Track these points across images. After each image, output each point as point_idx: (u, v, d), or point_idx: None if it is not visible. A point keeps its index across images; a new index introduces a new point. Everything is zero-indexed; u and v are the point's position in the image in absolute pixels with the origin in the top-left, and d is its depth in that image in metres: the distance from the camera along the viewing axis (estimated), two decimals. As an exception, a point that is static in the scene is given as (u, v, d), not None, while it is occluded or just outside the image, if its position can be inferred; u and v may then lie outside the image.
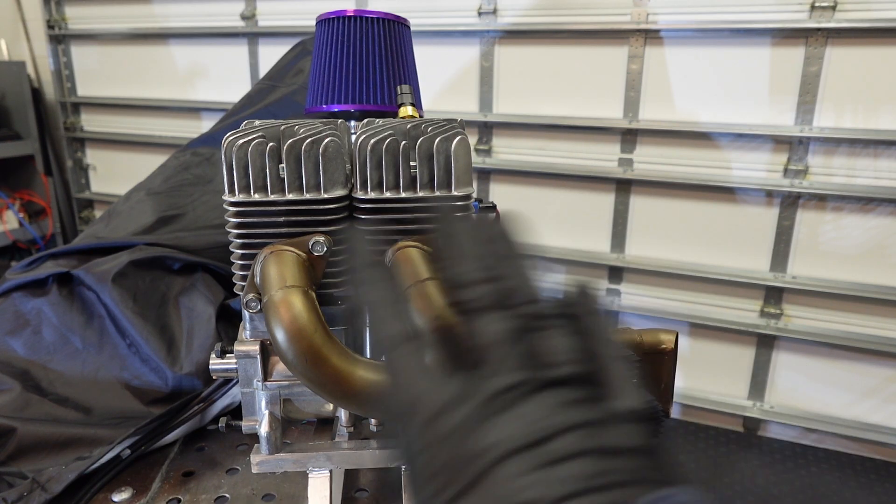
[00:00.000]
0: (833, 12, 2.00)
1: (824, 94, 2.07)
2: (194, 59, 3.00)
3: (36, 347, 0.89)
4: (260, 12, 2.80)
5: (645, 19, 2.20)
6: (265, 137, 0.55)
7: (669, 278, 2.40)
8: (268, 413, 0.58)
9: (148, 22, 3.01)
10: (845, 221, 2.15)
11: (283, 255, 0.53)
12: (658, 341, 0.64)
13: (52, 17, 3.17)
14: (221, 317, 0.95)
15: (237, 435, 0.74)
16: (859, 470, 2.19)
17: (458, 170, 0.55)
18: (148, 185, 1.34)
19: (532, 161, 2.48)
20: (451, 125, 0.58)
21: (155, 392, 0.87)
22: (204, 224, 1.17)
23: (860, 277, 2.16)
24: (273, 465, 0.58)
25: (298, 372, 0.49)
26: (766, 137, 2.17)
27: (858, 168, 2.09)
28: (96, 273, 0.94)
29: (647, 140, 2.33)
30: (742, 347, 2.36)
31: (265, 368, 0.57)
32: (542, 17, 2.35)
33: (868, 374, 2.21)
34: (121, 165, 3.33)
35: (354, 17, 0.75)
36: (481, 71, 2.48)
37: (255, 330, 0.58)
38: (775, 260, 2.24)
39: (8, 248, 3.19)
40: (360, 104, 0.75)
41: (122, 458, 0.76)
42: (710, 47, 2.17)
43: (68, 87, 3.29)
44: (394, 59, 0.76)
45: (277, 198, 0.55)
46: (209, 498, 0.72)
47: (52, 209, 3.34)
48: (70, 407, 0.83)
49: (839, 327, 2.21)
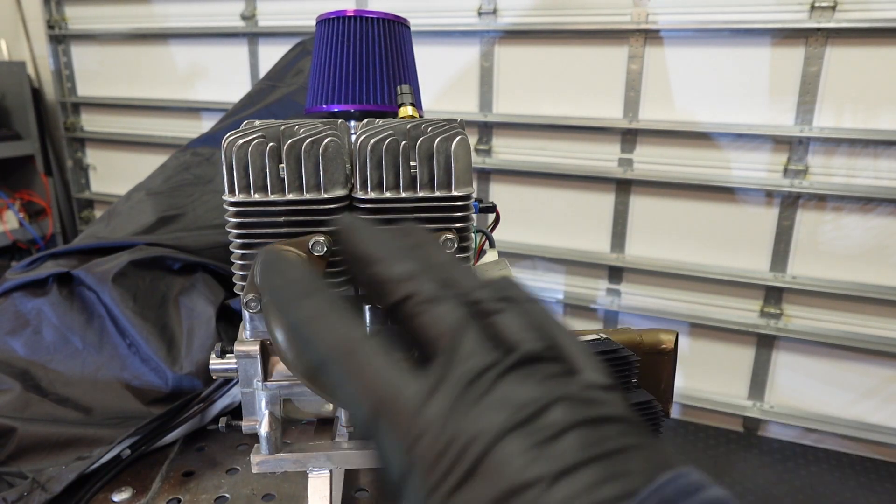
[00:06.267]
0: (833, 12, 2.00)
1: (824, 94, 2.07)
2: (194, 59, 3.00)
3: (36, 347, 0.89)
4: (260, 12, 2.80)
5: (645, 19, 2.20)
6: (265, 137, 0.55)
7: (669, 278, 2.40)
8: (268, 413, 0.58)
9: (148, 22, 3.01)
10: (845, 221, 2.15)
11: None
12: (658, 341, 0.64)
13: (52, 17, 3.17)
14: (221, 317, 0.95)
15: (237, 435, 0.74)
16: (859, 470, 2.19)
17: (458, 170, 0.55)
18: (148, 185, 1.34)
19: (532, 161, 2.49)
20: (451, 125, 0.58)
21: (155, 392, 0.87)
22: (204, 224, 1.17)
23: (860, 277, 2.16)
24: (273, 465, 0.58)
25: (298, 372, 0.49)
26: (766, 137, 2.17)
27: (858, 168, 2.10)
28: (96, 273, 0.94)
29: (647, 140, 2.33)
30: (742, 347, 2.36)
31: (265, 368, 0.57)
32: (542, 18, 2.35)
33: (868, 374, 2.21)
34: (121, 165, 3.33)
35: (354, 17, 0.75)
36: (481, 71, 2.48)
37: (255, 330, 0.58)
38: (775, 260, 2.24)
39: (8, 248, 3.19)
40: (360, 104, 0.75)
41: (122, 458, 0.76)
42: (710, 47, 2.18)
43: (68, 87, 3.29)
44: (394, 59, 0.76)
45: (277, 198, 0.55)
46: (209, 498, 0.72)
47: (52, 209, 3.34)
48: (70, 407, 0.83)
49: (839, 327, 2.21)
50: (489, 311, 0.24)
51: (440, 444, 0.22)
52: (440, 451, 0.22)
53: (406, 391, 0.23)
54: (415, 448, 0.22)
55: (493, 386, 0.22)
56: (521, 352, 0.23)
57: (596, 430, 0.21)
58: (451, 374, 0.23)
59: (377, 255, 0.27)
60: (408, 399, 0.23)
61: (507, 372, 0.22)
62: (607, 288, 2.51)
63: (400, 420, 0.23)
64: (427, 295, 0.25)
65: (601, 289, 2.53)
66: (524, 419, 0.21)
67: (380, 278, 0.26)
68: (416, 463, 0.22)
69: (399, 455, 0.23)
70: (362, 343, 0.24)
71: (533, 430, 0.21)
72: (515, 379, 0.22)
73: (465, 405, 0.22)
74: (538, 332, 0.24)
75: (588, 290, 2.55)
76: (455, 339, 0.23)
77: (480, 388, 0.22)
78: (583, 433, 0.21)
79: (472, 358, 0.23)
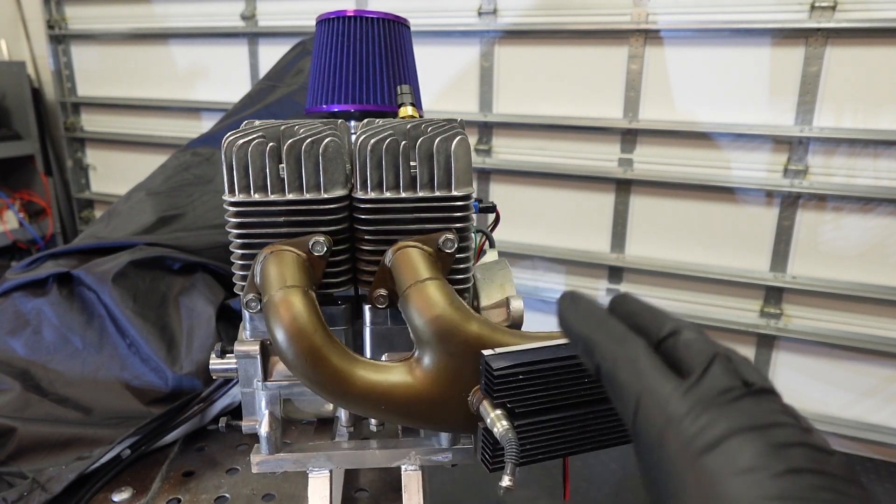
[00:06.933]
0: (833, 12, 2.00)
1: (824, 94, 2.07)
2: (194, 60, 3.00)
3: (36, 347, 0.89)
4: (260, 12, 2.80)
5: (645, 19, 2.20)
6: (265, 137, 0.55)
7: (669, 278, 2.40)
8: (268, 413, 0.58)
9: (148, 22, 3.01)
10: (845, 221, 2.15)
11: (283, 255, 0.53)
12: (658, 341, 0.63)
13: (52, 17, 3.17)
14: (221, 317, 0.95)
15: (237, 435, 0.74)
16: (859, 470, 2.19)
17: (458, 170, 0.55)
18: (148, 185, 1.34)
19: (532, 161, 2.49)
20: (451, 125, 0.58)
21: (155, 392, 0.87)
22: (204, 224, 1.17)
23: (860, 277, 2.16)
24: (273, 465, 0.58)
25: (298, 372, 0.49)
26: (766, 137, 2.17)
27: (858, 168, 2.09)
28: (96, 273, 0.94)
29: (647, 140, 2.33)
30: (742, 347, 2.36)
31: (265, 368, 0.57)
32: (542, 18, 2.35)
33: (868, 374, 2.21)
34: (121, 165, 3.33)
35: (354, 17, 0.75)
36: (481, 71, 2.48)
37: (255, 330, 0.58)
38: (775, 260, 2.24)
39: (8, 248, 3.19)
40: (360, 104, 0.75)
41: (122, 458, 0.76)
42: (710, 47, 2.17)
43: (68, 87, 3.29)
44: (394, 59, 0.76)
45: (277, 198, 0.55)
46: (209, 498, 0.72)
47: (52, 209, 3.34)
48: (70, 407, 0.83)
49: (839, 327, 2.21)
50: (733, 357, 0.32)
51: (682, 431, 0.28)
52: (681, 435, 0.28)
53: (664, 387, 0.30)
54: (662, 432, 0.29)
55: (734, 401, 0.28)
56: (758, 385, 0.29)
57: (820, 455, 0.26)
58: (702, 384, 0.30)
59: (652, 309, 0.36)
60: (664, 393, 0.30)
61: (746, 395, 0.29)
62: (607, 288, 2.51)
63: (655, 408, 0.30)
64: (690, 333, 0.33)
65: (601, 289, 2.53)
66: (759, 427, 0.27)
67: (655, 319, 0.35)
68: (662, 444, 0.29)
69: (652, 435, 0.29)
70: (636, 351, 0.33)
71: (766, 435, 0.26)
72: (752, 401, 0.29)
73: (709, 407, 0.28)
74: (768, 381, 0.30)
75: (588, 290, 2.55)
76: (708, 364, 0.30)
77: (724, 400, 0.29)
78: (809, 451, 0.26)
79: (720, 378, 0.30)
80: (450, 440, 0.59)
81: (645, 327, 0.35)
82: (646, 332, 0.35)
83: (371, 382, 0.49)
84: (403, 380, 0.50)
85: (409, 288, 0.51)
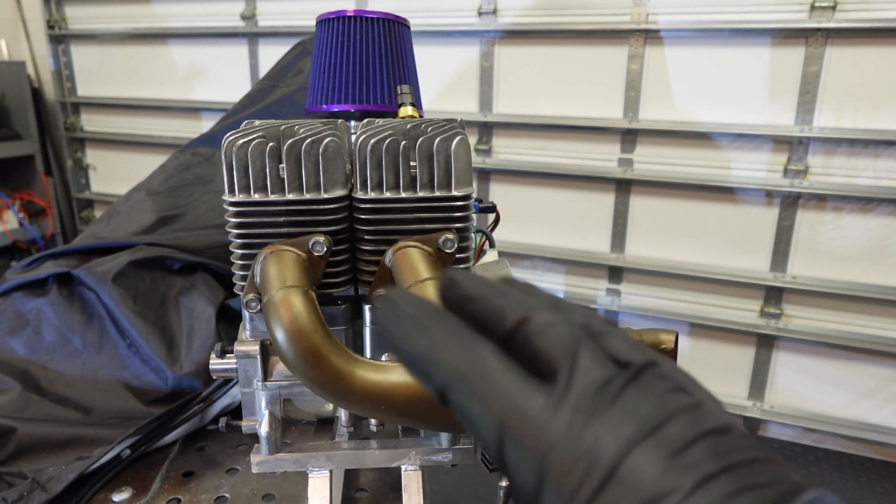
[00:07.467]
0: (833, 12, 2.00)
1: (824, 94, 2.07)
2: (194, 59, 3.00)
3: (36, 347, 0.89)
4: (260, 12, 2.80)
5: (645, 19, 2.20)
6: (265, 137, 0.55)
7: (669, 278, 2.40)
8: (268, 413, 0.58)
9: (148, 22, 3.01)
10: (845, 221, 2.15)
11: (283, 255, 0.53)
12: (658, 341, 0.63)
13: (52, 17, 3.17)
14: (221, 317, 0.95)
15: (237, 435, 0.74)
16: (859, 470, 2.19)
17: (458, 170, 0.55)
18: (148, 185, 1.34)
19: (532, 161, 2.49)
20: (451, 125, 0.58)
21: (155, 392, 0.87)
22: (204, 224, 1.17)
23: (860, 277, 2.16)
24: (273, 465, 0.58)
25: (298, 372, 0.49)
26: (766, 137, 2.17)
27: (858, 168, 2.09)
28: (96, 273, 0.94)
29: (647, 140, 2.33)
30: (742, 347, 2.36)
31: (265, 368, 0.57)
32: (542, 17, 2.35)
33: (868, 374, 2.21)
34: (121, 165, 3.33)
35: (354, 17, 0.75)
36: (481, 71, 2.48)
37: (255, 330, 0.58)
38: (775, 260, 2.24)
39: (8, 248, 3.19)
40: (360, 104, 0.75)
41: (122, 458, 0.76)
42: (710, 47, 2.17)
43: (68, 87, 3.29)
44: (394, 59, 0.76)
45: (277, 198, 0.55)
46: (209, 498, 0.72)
47: (52, 209, 3.34)
48: (70, 407, 0.83)
49: (839, 327, 2.21)
50: (598, 331, 0.26)
51: (569, 457, 0.22)
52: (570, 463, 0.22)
53: (532, 405, 0.24)
54: (545, 462, 0.23)
55: (615, 398, 0.23)
56: (636, 363, 0.24)
57: (720, 441, 0.22)
58: (573, 387, 0.23)
59: (492, 290, 0.28)
60: (534, 413, 0.23)
61: (627, 385, 0.23)
62: (607, 288, 2.51)
63: (527, 434, 0.23)
64: (542, 316, 0.26)
65: (601, 289, 2.53)
66: (650, 430, 0.22)
67: (496, 307, 0.27)
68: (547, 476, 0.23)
69: (529, 469, 0.23)
70: (485, 362, 0.25)
71: (661, 440, 0.22)
72: (635, 392, 0.23)
73: (591, 417, 0.23)
74: (642, 351, 0.25)
75: (588, 289, 2.55)
76: (573, 355, 0.24)
77: (604, 400, 0.23)
78: (709, 444, 0.22)
79: (592, 371, 0.24)
80: (450, 440, 0.59)
81: (487, 318, 0.27)
82: (491, 325, 0.27)
83: (371, 382, 0.49)
84: (403, 380, 0.50)
85: (409, 288, 0.51)
